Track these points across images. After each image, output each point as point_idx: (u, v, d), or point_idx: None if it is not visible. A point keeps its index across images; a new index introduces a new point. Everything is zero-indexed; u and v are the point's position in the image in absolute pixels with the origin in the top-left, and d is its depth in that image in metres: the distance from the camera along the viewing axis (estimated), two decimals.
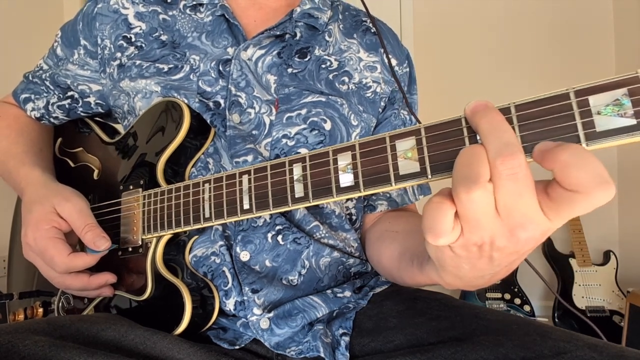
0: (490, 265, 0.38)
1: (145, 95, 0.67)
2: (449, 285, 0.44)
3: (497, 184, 0.32)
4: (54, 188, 0.66)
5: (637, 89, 0.30)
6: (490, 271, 0.39)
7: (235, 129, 0.64)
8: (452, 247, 0.37)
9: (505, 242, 0.34)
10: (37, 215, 0.62)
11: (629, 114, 0.30)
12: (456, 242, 0.35)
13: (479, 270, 0.39)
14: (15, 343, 0.43)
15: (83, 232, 0.61)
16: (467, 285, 0.43)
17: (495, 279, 0.42)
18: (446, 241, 0.35)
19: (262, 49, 0.69)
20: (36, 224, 0.61)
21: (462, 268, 0.39)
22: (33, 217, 0.62)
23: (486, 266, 0.38)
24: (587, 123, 0.31)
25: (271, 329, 0.60)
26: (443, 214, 0.34)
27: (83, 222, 0.62)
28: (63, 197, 0.63)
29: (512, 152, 0.31)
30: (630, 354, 0.44)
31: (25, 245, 0.63)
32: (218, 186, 0.54)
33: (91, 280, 0.63)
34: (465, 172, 0.33)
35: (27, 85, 0.81)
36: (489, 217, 0.33)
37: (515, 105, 0.34)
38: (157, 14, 0.71)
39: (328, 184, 0.44)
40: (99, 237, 0.61)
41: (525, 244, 0.35)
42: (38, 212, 0.62)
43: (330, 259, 0.68)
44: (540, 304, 2.33)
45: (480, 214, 0.33)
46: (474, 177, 0.32)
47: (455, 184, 0.33)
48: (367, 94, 0.74)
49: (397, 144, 0.39)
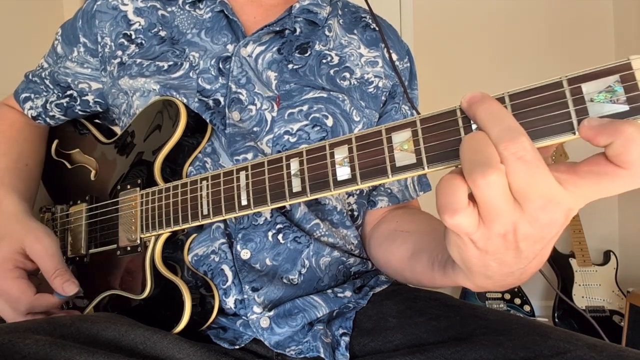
0: (518, 259, 0.37)
1: (143, 94, 0.67)
2: (478, 288, 0.43)
3: (507, 169, 0.32)
4: (26, 224, 0.66)
5: (630, 75, 0.30)
6: (520, 265, 0.38)
7: (235, 126, 0.64)
8: (475, 242, 0.35)
9: (528, 228, 0.34)
10: (3, 254, 0.62)
11: (622, 100, 0.30)
12: (478, 233, 0.34)
13: (507, 266, 0.38)
14: (15, 342, 0.43)
15: (52, 276, 0.62)
16: (497, 285, 0.42)
17: (525, 277, 0.40)
18: (464, 221, 0.33)
19: (262, 46, 0.69)
20: (1, 263, 0.62)
21: (490, 266, 0.38)
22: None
23: (514, 260, 0.37)
24: (581, 110, 0.32)
25: (271, 327, 0.59)
26: (456, 188, 0.33)
27: (53, 267, 0.62)
28: (35, 237, 0.64)
29: (515, 136, 0.31)
30: (630, 354, 0.44)
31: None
32: (215, 183, 0.54)
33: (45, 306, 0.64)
34: (475, 157, 0.32)
35: (27, 85, 0.81)
36: (507, 201, 0.32)
37: (509, 95, 0.34)
38: (156, 10, 0.71)
39: (325, 177, 0.44)
40: (68, 282, 0.62)
41: (550, 228, 0.34)
42: (4, 250, 0.63)
43: (331, 258, 0.68)
44: (540, 304, 2.33)
45: (499, 198, 0.32)
46: (487, 161, 0.32)
47: (468, 171, 0.32)
48: (369, 89, 0.74)
49: (393, 136, 0.40)
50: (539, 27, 2.48)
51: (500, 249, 0.35)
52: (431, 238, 0.56)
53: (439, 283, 0.52)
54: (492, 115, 0.33)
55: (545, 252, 0.38)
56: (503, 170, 0.32)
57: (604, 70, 0.31)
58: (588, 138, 0.31)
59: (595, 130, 0.30)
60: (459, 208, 0.33)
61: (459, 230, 0.34)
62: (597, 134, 0.30)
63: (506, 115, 0.33)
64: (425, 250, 0.55)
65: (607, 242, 2.27)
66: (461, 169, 0.34)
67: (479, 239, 0.35)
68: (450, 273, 0.45)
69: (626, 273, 2.13)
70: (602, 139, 0.30)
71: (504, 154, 0.31)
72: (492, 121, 0.33)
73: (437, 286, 0.54)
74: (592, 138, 0.30)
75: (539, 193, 0.32)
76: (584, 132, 0.31)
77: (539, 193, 0.32)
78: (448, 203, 0.33)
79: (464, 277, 0.42)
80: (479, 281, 0.41)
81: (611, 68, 0.31)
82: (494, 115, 0.33)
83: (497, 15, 2.50)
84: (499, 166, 0.31)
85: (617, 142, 0.29)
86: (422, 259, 0.55)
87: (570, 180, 0.32)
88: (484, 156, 0.32)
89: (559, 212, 0.33)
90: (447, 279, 0.48)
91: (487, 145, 0.32)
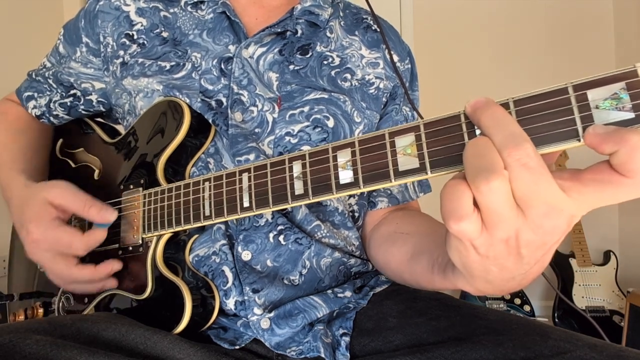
0: (519, 264, 0.36)
1: (147, 95, 0.67)
2: (478, 292, 0.43)
3: (511, 175, 0.32)
4: (34, 186, 0.66)
5: (636, 83, 0.30)
6: (521, 271, 0.38)
7: (237, 127, 0.64)
8: (477, 247, 0.35)
9: (531, 235, 0.34)
10: (33, 212, 0.62)
11: (627, 108, 0.30)
12: (480, 239, 0.34)
13: (508, 271, 0.37)
14: (16, 342, 0.43)
15: (85, 209, 0.62)
16: (498, 290, 0.42)
17: (526, 282, 0.40)
18: (469, 227, 0.33)
19: (263, 47, 0.69)
20: (37, 219, 0.61)
21: (491, 271, 0.38)
22: (29, 215, 0.62)
23: (515, 265, 0.37)
24: (586, 117, 0.31)
25: (272, 328, 0.60)
26: (461, 194, 0.33)
27: (82, 202, 0.62)
28: (50, 186, 0.64)
29: (519, 143, 0.31)
30: (630, 353, 0.44)
31: (32, 244, 0.62)
32: (218, 184, 0.54)
33: (98, 269, 0.63)
34: (479, 163, 0.32)
35: (30, 84, 0.81)
36: (510, 207, 0.32)
37: (514, 101, 0.34)
38: (158, 11, 0.71)
39: (327, 180, 0.44)
40: (104, 209, 0.62)
41: (552, 235, 0.34)
42: (33, 209, 0.62)
43: (332, 259, 0.68)
44: (540, 304, 2.33)
45: (502, 204, 0.32)
46: (490, 167, 0.31)
47: (472, 177, 0.32)
48: (370, 90, 0.74)
49: (396, 140, 0.39)
50: (539, 27, 2.48)
51: (501, 254, 0.35)
52: (431, 240, 0.55)
53: (438, 286, 0.51)
54: (496, 121, 0.33)
55: (547, 258, 0.38)
56: (506, 176, 0.31)
57: (610, 77, 0.31)
58: (593, 146, 0.31)
59: (601, 138, 0.30)
60: (464, 214, 0.33)
61: (462, 236, 0.34)
62: (602, 142, 0.30)
63: (510, 121, 0.33)
64: (425, 252, 0.54)
65: (607, 242, 2.27)
66: (464, 173, 0.34)
67: (481, 245, 0.35)
68: (450, 276, 0.45)
69: (626, 273, 2.14)
70: (607, 147, 0.30)
71: (508, 160, 0.31)
72: (496, 127, 0.33)
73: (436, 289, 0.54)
74: (597, 146, 0.30)
75: (542, 200, 0.32)
76: (589, 139, 0.31)
77: (542, 200, 0.32)
78: (453, 209, 0.33)
79: (464, 280, 0.42)
80: (479, 285, 0.41)
81: (617, 75, 0.31)
82: (498, 121, 0.33)
83: (497, 15, 2.50)
84: (502, 172, 0.31)
85: (622, 150, 0.29)
86: (421, 261, 0.54)
87: (573, 187, 0.32)
88: (488, 162, 0.32)
89: (562, 219, 0.33)
90: (446, 282, 0.47)
91: (490, 151, 0.32)
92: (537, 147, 0.32)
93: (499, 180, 0.31)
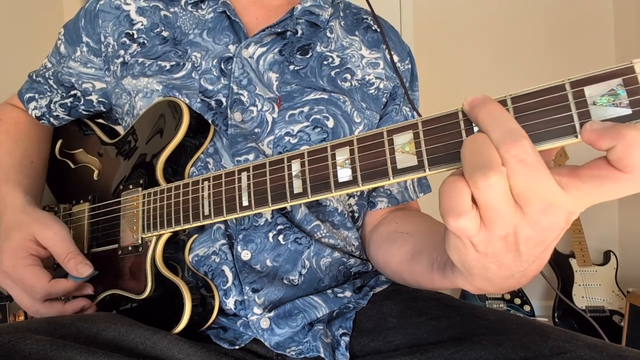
0: (518, 261, 0.37)
1: (146, 95, 0.67)
2: (478, 290, 0.43)
3: (509, 171, 0.32)
4: (32, 214, 0.66)
5: (632, 79, 0.30)
6: (519, 268, 0.38)
7: (237, 127, 0.64)
8: (475, 244, 0.35)
9: (529, 231, 0.34)
10: (15, 242, 0.63)
11: (624, 104, 0.30)
12: (478, 236, 0.34)
13: (507, 268, 0.37)
14: (16, 342, 0.43)
15: (65, 259, 0.63)
16: (497, 288, 0.42)
17: (525, 280, 0.40)
18: (467, 224, 0.33)
19: (263, 47, 0.69)
20: (14, 252, 0.62)
21: (490, 269, 0.38)
22: (10, 244, 0.63)
23: (514, 263, 0.37)
24: (583, 113, 0.31)
25: (271, 328, 0.60)
26: (460, 190, 0.33)
27: (65, 250, 0.63)
28: (44, 224, 0.64)
29: (516, 139, 0.31)
30: (630, 353, 0.44)
31: (2, 273, 0.63)
32: (217, 184, 0.54)
33: (66, 307, 0.65)
34: (477, 159, 0.32)
35: (31, 85, 0.81)
36: (508, 203, 0.32)
37: (511, 98, 0.34)
38: (159, 10, 0.71)
39: (326, 179, 0.44)
40: (82, 264, 0.63)
41: (550, 231, 0.34)
42: (16, 239, 0.63)
43: (331, 259, 0.68)
44: (540, 304, 2.33)
45: (500, 201, 0.32)
46: (488, 163, 0.31)
47: (470, 173, 0.32)
48: (370, 91, 0.74)
49: (394, 138, 0.40)
50: (539, 27, 2.48)
51: (500, 251, 0.35)
52: (430, 240, 0.55)
53: (438, 285, 0.51)
54: (493, 117, 0.33)
55: (546, 255, 0.37)
56: (504, 172, 0.31)
57: (607, 73, 0.31)
58: (590, 142, 0.31)
59: (598, 134, 0.30)
60: (463, 211, 0.33)
61: (461, 233, 0.34)
62: (600, 138, 0.30)
63: (508, 118, 0.33)
64: (425, 252, 0.54)
65: (607, 242, 2.27)
66: (462, 171, 0.34)
67: (480, 242, 0.35)
68: (450, 275, 0.45)
69: (626, 273, 2.14)
70: (604, 142, 0.30)
71: (506, 156, 0.31)
72: (494, 124, 0.33)
73: (436, 288, 0.54)
74: (594, 142, 0.30)
75: (540, 196, 0.32)
76: (586, 135, 0.31)
77: (540, 196, 0.32)
78: (452, 206, 0.33)
79: (464, 279, 0.42)
80: (479, 283, 0.41)
81: (614, 71, 0.31)
82: (495, 117, 0.33)
83: (497, 15, 2.51)
84: (500, 168, 0.31)
85: (619, 146, 0.29)
86: (421, 261, 0.54)
87: (571, 183, 0.32)
88: (486, 158, 0.32)
89: (560, 216, 0.33)
90: (446, 281, 0.47)
91: (488, 148, 0.32)
92: (534, 144, 0.32)
93: (496, 176, 0.31)
